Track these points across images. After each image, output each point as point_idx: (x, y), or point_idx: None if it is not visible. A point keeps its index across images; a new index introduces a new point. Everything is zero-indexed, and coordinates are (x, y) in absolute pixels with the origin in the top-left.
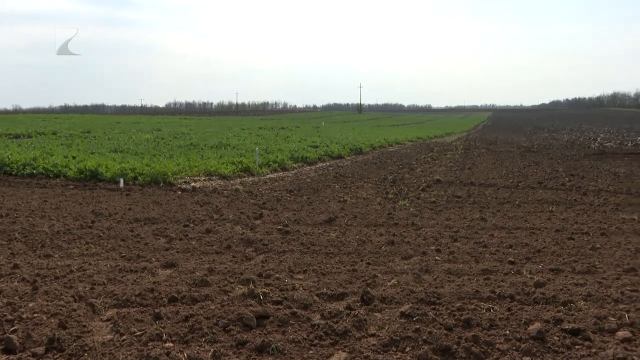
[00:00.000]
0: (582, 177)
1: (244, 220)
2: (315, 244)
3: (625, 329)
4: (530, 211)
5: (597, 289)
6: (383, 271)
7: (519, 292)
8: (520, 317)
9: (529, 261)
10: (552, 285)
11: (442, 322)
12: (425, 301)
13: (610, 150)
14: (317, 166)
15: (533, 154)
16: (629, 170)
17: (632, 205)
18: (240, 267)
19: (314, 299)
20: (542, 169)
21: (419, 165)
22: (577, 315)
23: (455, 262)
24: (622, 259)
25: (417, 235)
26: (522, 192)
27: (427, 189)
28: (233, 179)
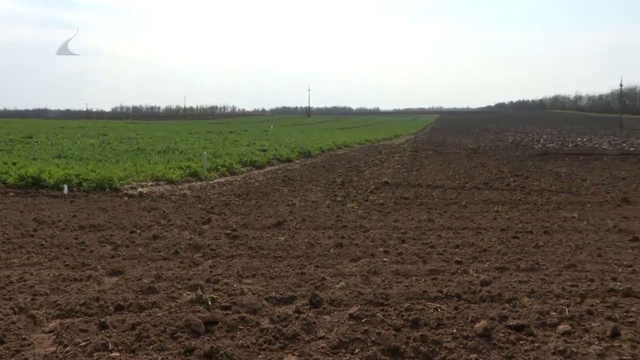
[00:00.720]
0: (526, 177)
1: (192, 225)
2: (264, 248)
3: (566, 323)
4: (477, 211)
5: (540, 286)
6: (332, 274)
7: (466, 291)
8: (467, 316)
9: (475, 260)
10: (498, 283)
11: (391, 322)
12: (373, 302)
13: (552, 151)
14: (265, 170)
15: (479, 156)
16: (569, 170)
17: (572, 204)
18: (188, 273)
19: (263, 303)
20: (488, 169)
21: (367, 167)
22: (522, 312)
23: (403, 263)
24: (564, 256)
25: (365, 237)
26: (468, 192)
27: (376, 191)
28: (181, 184)
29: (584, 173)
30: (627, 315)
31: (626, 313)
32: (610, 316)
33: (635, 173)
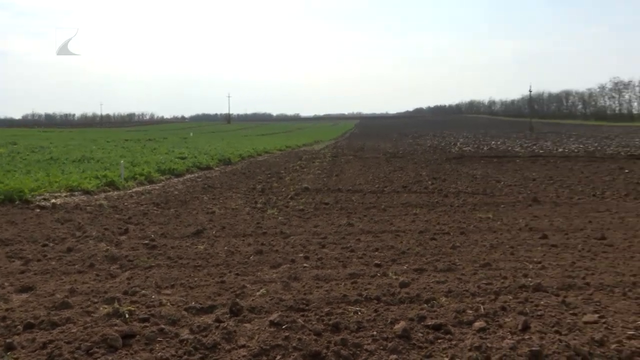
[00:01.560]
0: (444, 180)
1: (109, 236)
2: (183, 258)
3: (481, 320)
4: (396, 214)
5: (457, 285)
6: (252, 281)
7: (385, 294)
8: (387, 318)
9: (394, 263)
10: (416, 285)
11: (312, 327)
12: (294, 308)
13: (468, 154)
14: (185, 178)
15: (398, 160)
16: (485, 172)
17: (487, 205)
18: (105, 286)
19: (182, 314)
20: (407, 173)
21: (287, 173)
22: (439, 311)
23: (324, 268)
24: (479, 255)
25: (285, 243)
26: (387, 196)
27: (296, 197)
28: (97, 194)
29: (498, 175)
30: (536, 309)
31: (536, 307)
32: (521, 311)
33: (545, 174)
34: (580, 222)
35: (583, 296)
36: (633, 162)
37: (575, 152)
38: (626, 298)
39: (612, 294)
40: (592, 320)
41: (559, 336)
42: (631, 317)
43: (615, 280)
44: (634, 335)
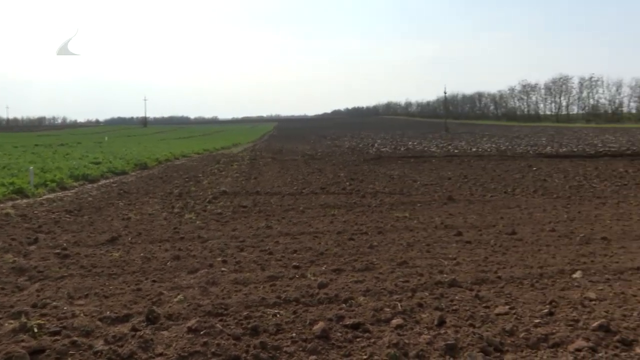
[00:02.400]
0: (362, 180)
1: (16, 247)
2: (97, 266)
3: (399, 317)
4: (314, 216)
5: (375, 284)
6: (169, 287)
7: (304, 295)
8: (305, 319)
9: (312, 264)
10: (335, 285)
11: (230, 332)
12: (212, 313)
13: (386, 155)
14: (100, 183)
15: (317, 161)
16: (402, 172)
17: (404, 204)
18: (11, 300)
19: (97, 324)
20: (325, 175)
21: (205, 177)
22: (357, 310)
23: (242, 272)
24: (396, 254)
25: (203, 248)
26: (306, 198)
27: (214, 200)
28: (3, 203)
29: (414, 175)
30: (451, 304)
31: (451, 302)
32: (437, 306)
33: (459, 173)
34: (492, 219)
35: (495, 289)
36: (540, 160)
37: (488, 152)
38: (534, 289)
39: (521, 285)
40: (504, 312)
41: (472, 329)
42: (538, 306)
43: (524, 273)
44: (540, 323)
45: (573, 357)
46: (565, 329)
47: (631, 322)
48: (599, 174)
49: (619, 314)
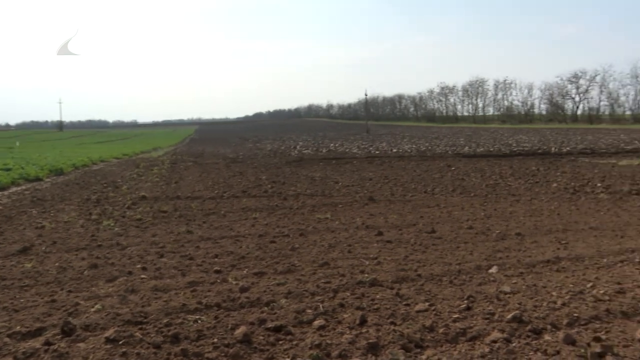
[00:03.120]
0: (284, 183)
1: None
2: (7, 278)
3: (321, 318)
4: (236, 220)
5: (297, 286)
6: (86, 297)
7: (225, 300)
8: (227, 323)
9: (234, 268)
10: (257, 288)
11: (150, 341)
12: (131, 322)
13: (308, 157)
14: (10, 191)
15: (238, 164)
16: (323, 174)
17: (326, 206)
18: None
19: (5, 341)
20: (247, 178)
21: (124, 182)
22: (280, 313)
23: (162, 278)
24: (318, 255)
25: (122, 255)
26: (227, 201)
27: (133, 206)
28: None
29: (336, 176)
30: (373, 303)
31: (372, 301)
32: (359, 306)
33: (381, 174)
34: (412, 218)
35: (415, 287)
36: (459, 160)
37: (409, 152)
38: (452, 285)
39: (440, 282)
40: (423, 309)
41: (393, 326)
42: (456, 302)
43: (443, 270)
44: (459, 318)
45: (489, 348)
46: (482, 322)
47: (541, 312)
48: (513, 172)
49: (531, 305)
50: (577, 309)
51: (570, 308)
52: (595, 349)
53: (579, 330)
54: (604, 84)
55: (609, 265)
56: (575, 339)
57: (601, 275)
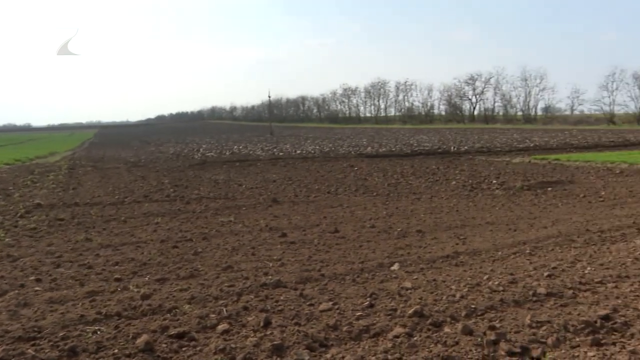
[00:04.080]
0: (186, 187)
1: None
2: None
3: (225, 322)
4: (137, 225)
5: (200, 291)
6: None
7: (126, 308)
8: (128, 333)
9: (135, 275)
10: (159, 295)
11: (45, 356)
12: (23, 338)
13: (211, 160)
14: None
15: (140, 169)
16: (227, 176)
17: (229, 209)
18: None
19: None
20: (149, 182)
21: (17, 189)
22: (182, 319)
23: (59, 290)
24: (221, 259)
25: (13, 267)
26: (128, 207)
27: (27, 214)
28: None
29: (240, 178)
30: (277, 305)
31: (276, 303)
32: (263, 308)
33: (284, 175)
34: (316, 218)
35: (319, 287)
36: (361, 160)
37: (312, 153)
38: (355, 283)
39: (343, 281)
40: (327, 308)
41: (298, 327)
42: (359, 300)
43: (347, 269)
44: (362, 315)
45: (392, 344)
46: (384, 319)
47: (441, 306)
48: (414, 171)
49: (431, 299)
50: (474, 300)
51: (468, 300)
52: (491, 337)
53: (476, 321)
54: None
55: (503, 258)
56: (472, 329)
57: (496, 267)
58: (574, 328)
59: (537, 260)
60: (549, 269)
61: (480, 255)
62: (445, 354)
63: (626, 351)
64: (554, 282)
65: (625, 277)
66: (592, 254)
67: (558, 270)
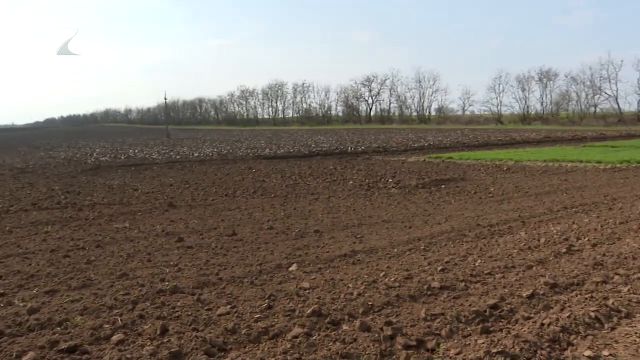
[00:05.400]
0: (78, 193)
1: None
2: None
3: (120, 332)
4: (24, 235)
5: (93, 301)
6: None
7: (10, 325)
8: (12, 352)
9: (22, 288)
10: (48, 308)
11: None
12: None
13: (105, 164)
14: None
15: (28, 175)
16: (122, 181)
17: (124, 214)
18: None
19: None
20: (38, 189)
21: None
22: (74, 332)
23: None
24: (116, 267)
25: None
26: (14, 216)
27: None
28: None
29: (135, 183)
30: (174, 311)
31: (173, 309)
32: (159, 315)
33: (181, 178)
34: (213, 222)
35: (217, 291)
36: (259, 162)
37: (210, 156)
38: (253, 286)
39: (241, 284)
40: (225, 312)
41: (196, 332)
42: (258, 302)
43: (245, 272)
44: (260, 317)
45: (291, 344)
46: (283, 320)
47: (339, 304)
48: (312, 172)
49: (329, 298)
50: (372, 297)
51: (365, 297)
52: (387, 332)
53: (373, 317)
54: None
55: (399, 255)
56: (370, 325)
57: (392, 264)
58: (466, 318)
59: (431, 255)
60: (443, 263)
61: (376, 253)
62: (344, 351)
63: (511, 336)
64: (447, 275)
65: (511, 267)
66: (482, 247)
67: (451, 264)
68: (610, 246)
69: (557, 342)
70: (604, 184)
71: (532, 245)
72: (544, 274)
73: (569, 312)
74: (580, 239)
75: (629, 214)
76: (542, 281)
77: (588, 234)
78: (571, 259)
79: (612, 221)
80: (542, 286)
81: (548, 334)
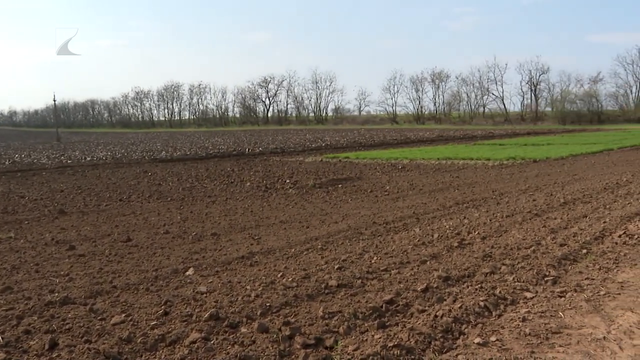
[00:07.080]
0: None
1: None
2: None
3: (1, 352)
4: None
5: None
6: None
7: None
8: None
9: None
10: None
11: None
12: None
13: None
14: None
15: None
16: (7, 188)
17: (9, 224)
18: None
19: None
20: None
21: None
22: None
23: None
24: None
25: None
26: None
27: None
28: None
29: (22, 190)
30: (64, 323)
31: (63, 321)
32: (48, 329)
33: (73, 184)
34: (107, 228)
35: (111, 299)
36: (155, 165)
37: (104, 160)
38: (149, 292)
39: (137, 291)
40: (120, 321)
41: (88, 344)
42: (154, 309)
43: (140, 278)
44: (157, 324)
45: (188, 350)
46: (180, 325)
47: (237, 307)
48: (209, 174)
49: (227, 301)
50: (269, 298)
51: (263, 299)
52: (286, 332)
53: (272, 318)
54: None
55: (297, 255)
56: (268, 326)
57: (290, 264)
58: (363, 315)
59: (328, 254)
60: (340, 261)
61: (274, 254)
62: (243, 354)
63: (407, 329)
64: (344, 273)
65: (406, 262)
66: (377, 244)
67: (348, 262)
68: (498, 239)
69: (450, 332)
70: (493, 179)
71: (426, 240)
72: (437, 268)
73: (461, 303)
74: (471, 233)
75: (514, 207)
76: (435, 275)
77: (478, 228)
78: (462, 253)
79: (500, 215)
80: (435, 280)
81: (441, 325)
